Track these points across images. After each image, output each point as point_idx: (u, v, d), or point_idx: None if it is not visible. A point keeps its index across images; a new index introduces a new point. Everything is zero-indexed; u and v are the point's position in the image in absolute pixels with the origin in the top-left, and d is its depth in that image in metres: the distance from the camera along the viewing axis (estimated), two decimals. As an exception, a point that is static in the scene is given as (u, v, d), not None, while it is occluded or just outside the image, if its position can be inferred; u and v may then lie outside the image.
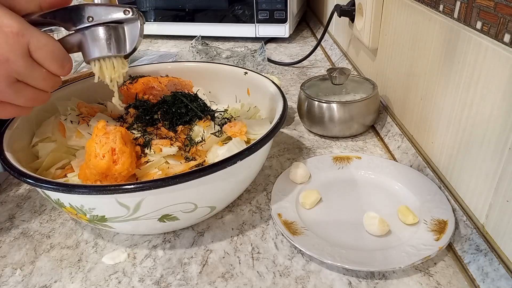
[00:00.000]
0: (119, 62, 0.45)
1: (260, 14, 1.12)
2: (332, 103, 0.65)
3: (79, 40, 0.43)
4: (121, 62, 0.45)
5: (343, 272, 0.43)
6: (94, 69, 0.44)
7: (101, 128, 0.46)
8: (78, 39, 0.43)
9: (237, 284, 0.43)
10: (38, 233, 0.51)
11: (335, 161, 0.59)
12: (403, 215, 0.48)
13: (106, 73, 0.45)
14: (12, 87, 0.39)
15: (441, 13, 0.49)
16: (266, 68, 0.93)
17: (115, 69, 0.45)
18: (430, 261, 0.44)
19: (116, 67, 0.45)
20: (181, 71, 0.67)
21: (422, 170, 0.55)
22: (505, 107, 0.37)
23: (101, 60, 0.44)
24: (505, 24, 0.37)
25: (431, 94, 0.53)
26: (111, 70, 0.45)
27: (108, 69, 0.44)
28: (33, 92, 0.41)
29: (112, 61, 0.44)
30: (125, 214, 0.42)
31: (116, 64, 0.45)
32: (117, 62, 0.45)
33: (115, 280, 0.44)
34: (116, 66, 0.45)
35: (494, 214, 0.40)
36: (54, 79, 0.41)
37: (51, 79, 0.41)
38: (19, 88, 0.40)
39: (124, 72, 0.46)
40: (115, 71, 0.45)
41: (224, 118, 0.58)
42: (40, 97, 0.42)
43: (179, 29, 1.21)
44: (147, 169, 0.48)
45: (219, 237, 0.49)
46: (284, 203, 0.51)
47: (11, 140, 0.48)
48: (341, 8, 0.83)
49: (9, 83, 0.39)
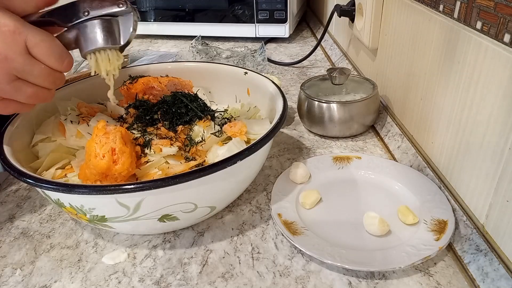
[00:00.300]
0: (114, 54, 0.45)
1: (260, 14, 1.12)
2: (332, 103, 0.65)
3: (75, 35, 0.43)
4: (116, 55, 0.45)
5: (343, 272, 0.43)
6: (90, 62, 0.45)
7: (101, 128, 0.46)
8: (74, 34, 0.43)
9: (237, 284, 0.43)
10: (38, 233, 0.51)
11: (335, 161, 0.59)
12: (403, 215, 0.48)
13: (101, 66, 0.45)
14: (12, 85, 0.40)
15: (441, 13, 0.49)
16: (266, 68, 0.93)
17: (110, 61, 0.45)
18: (430, 261, 0.44)
19: (112, 60, 0.45)
20: (181, 71, 0.67)
21: (422, 170, 0.55)
22: (505, 107, 0.37)
23: (97, 53, 0.45)
24: (505, 24, 0.37)
25: (431, 94, 0.53)
26: (107, 62, 0.45)
27: (104, 61, 0.45)
28: (34, 89, 0.41)
29: (108, 54, 0.45)
30: (125, 214, 0.42)
31: (111, 57, 0.45)
32: (112, 55, 0.45)
33: (115, 280, 0.44)
34: (111, 58, 0.45)
35: (494, 214, 0.40)
36: (54, 75, 0.42)
37: (52, 75, 0.41)
38: (19, 85, 0.40)
39: (120, 64, 0.46)
40: (111, 64, 0.45)
41: (224, 118, 0.58)
42: (41, 94, 0.42)
43: (179, 29, 1.21)
44: (147, 169, 0.48)
45: (219, 237, 0.49)
46: (284, 203, 0.51)
47: (11, 140, 0.48)
48: (341, 8, 0.83)
49: (9, 80, 0.39)
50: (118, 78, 0.64)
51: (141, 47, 1.19)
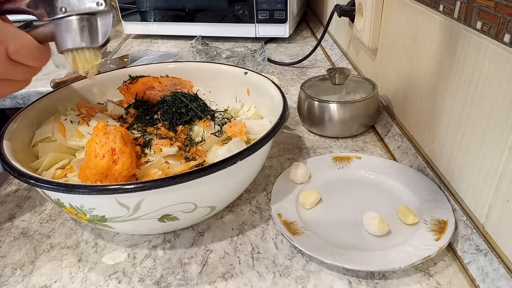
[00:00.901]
0: (92, 53, 0.45)
1: (260, 14, 1.12)
2: (332, 103, 0.65)
3: (52, 31, 0.43)
4: (93, 54, 0.45)
5: (343, 272, 0.43)
6: (67, 60, 0.45)
7: (101, 128, 0.46)
8: (51, 30, 0.43)
9: (237, 284, 0.43)
10: (38, 233, 0.51)
11: (335, 161, 0.59)
12: (403, 215, 0.48)
13: (79, 64, 0.45)
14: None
15: (441, 13, 0.49)
16: (266, 68, 0.93)
17: (88, 60, 0.45)
18: (430, 261, 0.44)
19: (89, 59, 0.45)
20: (181, 71, 0.67)
21: (422, 170, 0.55)
22: (505, 107, 0.37)
23: (74, 52, 0.44)
24: (505, 24, 0.37)
25: (431, 94, 0.53)
26: (84, 61, 0.45)
27: (81, 60, 0.45)
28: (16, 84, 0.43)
29: (85, 53, 0.44)
30: (125, 214, 0.42)
31: (88, 56, 0.45)
32: (90, 54, 0.44)
33: (115, 280, 0.44)
34: (89, 57, 0.45)
35: (494, 214, 0.40)
36: (34, 70, 0.43)
37: (31, 71, 0.43)
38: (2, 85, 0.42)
39: (97, 63, 0.46)
40: (88, 63, 0.45)
41: (224, 118, 0.58)
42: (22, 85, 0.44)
43: (179, 29, 1.21)
44: (147, 169, 0.48)
45: (219, 237, 0.49)
46: (284, 203, 0.51)
47: (11, 140, 0.48)
48: (341, 8, 0.83)
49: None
50: (118, 78, 0.64)
51: (141, 47, 1.19)
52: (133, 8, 1.19)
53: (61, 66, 1.02)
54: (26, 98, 0.92)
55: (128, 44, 1.22)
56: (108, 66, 0.97)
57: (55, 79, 0.87)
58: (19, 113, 0.53)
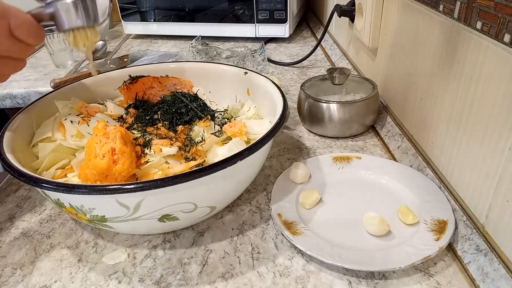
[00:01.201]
0: (92, 32, 0.47)
1: (260, 14, 1.12)
2: (332, 103, 0.65)
3: (51, 12, 0.45)
4: (93, 32, 0.47)
5: (343, 272, 0.43)
6: (68, 39, 0.47)
7: (101, 128, 0.46)
8: (51, 11, 0.45)
9: (237, 284, 0.43)
10: (38, 233, 0.51)
11: (335, 161, 0.59)
12: (403, 215, 0.48)
13: (80, 41, 0.47)
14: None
15: (441, 13, 0.49)
16: (266, 68, 0.93)
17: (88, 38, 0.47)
18: (430, 261, 0.44)
19: (90, 37, 0.47)
20: (181, 71, 0.67)
21: (422, 170, 0.55)
22: (505, 107, 0.37)
23: (75, 31, 0.46)
24: (505, 24, 0.37)
25: (431, 94, 0.53)
26: (85, 39, 0.47)
27: (82, 39, 0.47)
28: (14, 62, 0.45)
29: (86, 31, 0.47)
30: (125, 214, 0.42)
31: (89, 34, 0.47)
32: (90, 32, 0.47)
33: (115, 280, 0.44)
34: (89, 36, 0.47)
35: (494, 214, 0.40)
36: (30, 49, 0.45)
37: (28, 50, 0.45)
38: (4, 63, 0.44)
39: (96, 41, 0.49)
40: (88, 40, 0.47)
41: (224, 118, 0.58)
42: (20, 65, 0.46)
43: (179, 29, 1.21)
44: (147, 169, 0.48)
45: (219, 237, 0.49)
46: (284, 203, 0.51)
47: (11, 140, 0.48)
48: (341, 8, 0.83)
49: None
50: (118, 78, 0.64)
51: (141, 47, 1.19)
52: (133, 8, 1.19)
53: (61, 66, 1.02)
54: (26, 98, 0.92)
55: (128, 44, 1.22)
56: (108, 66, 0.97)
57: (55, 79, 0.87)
58: (19, 113, 0.53)
